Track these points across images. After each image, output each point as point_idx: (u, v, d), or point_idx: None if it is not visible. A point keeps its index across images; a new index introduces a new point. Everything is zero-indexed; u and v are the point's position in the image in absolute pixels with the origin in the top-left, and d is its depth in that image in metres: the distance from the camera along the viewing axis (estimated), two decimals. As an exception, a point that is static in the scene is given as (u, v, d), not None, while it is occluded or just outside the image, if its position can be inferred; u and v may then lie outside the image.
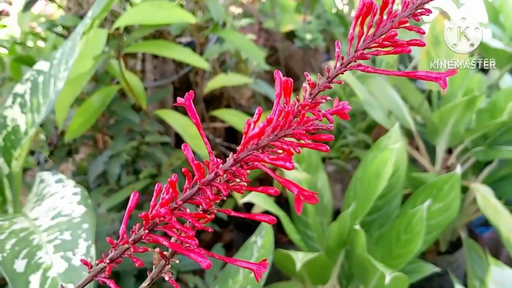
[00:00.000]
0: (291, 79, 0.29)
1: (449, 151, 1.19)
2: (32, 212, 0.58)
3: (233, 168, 0.28)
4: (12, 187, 0.74)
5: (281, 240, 1.29)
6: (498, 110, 1.03)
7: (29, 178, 1.28)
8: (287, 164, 0.26)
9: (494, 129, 1.07)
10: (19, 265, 0.47)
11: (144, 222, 0.29)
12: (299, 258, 0.81)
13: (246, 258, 0.77)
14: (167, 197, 0.28)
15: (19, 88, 0.75)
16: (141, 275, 0.95)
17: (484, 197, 1.00)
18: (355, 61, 0.29)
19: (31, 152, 1.30)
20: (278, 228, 1.23)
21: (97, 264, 0.30)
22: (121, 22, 0.88)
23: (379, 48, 0.29)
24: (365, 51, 0.29)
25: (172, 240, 0.29)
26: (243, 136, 0.28)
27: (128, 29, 1.11)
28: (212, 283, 0.79)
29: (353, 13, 1.79)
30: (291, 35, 1.73)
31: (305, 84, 0.30)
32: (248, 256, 0.77)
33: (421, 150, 1.22)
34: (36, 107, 0.71)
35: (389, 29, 0.28)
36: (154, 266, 0.31)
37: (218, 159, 0.29)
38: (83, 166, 1.24)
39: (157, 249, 0.31)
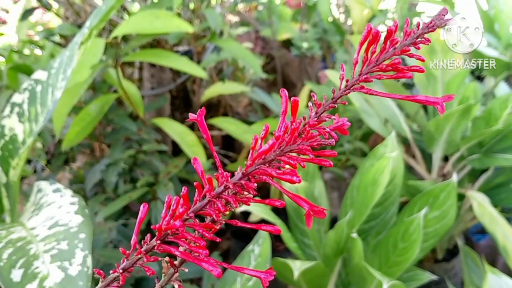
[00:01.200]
0: (297, 99, 0.30)
1: (445, 159, 1.19)
2: (30, 221, 0.58)
3: (242, 182, 0.29)
4: (10, 196, 0.74)
5: (278, 248, 1.29)
6: (494, 118, 1.04)
7: (26, 186, 1.28)
8: (294, 178, 0.28)
9: (490, 137, 1.07)
10: (16, 274, 0.47)
11: (157, 233, 0.30)
12: (297, 266, 0.81)
13: (243, 266, 0.77)
14: (181, 210, 0.29)
15: (17, 98, 0.75)
16: (137, 284, 0.95)
17: (480, 204, 1.00)
18: (359, 83, 0.30)
19: (28, 161, 1.30)
20: (275, 236, 1.23)
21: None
22: (118, 31, 0.89)
23: (381, 73, 0.30)
24: (368, 75, 0.30)
25: (181, 249, 0.29)
26: (250, 151, 0.29)
27: (125, 38, 1.11)
28: (210, 292, 0.79)
29: (349, 22, 1.80)
30: (287, 43, 1.74)
31: (310, 104, 0.31)
32: (246, 264, 0.77)
33: (417, 158, 1.22)
34: (34, 116, 0.71)
35: (391, 55, 0.30)
36: (163, 274, 0.32)
37: (226, 172, 0.30)
38: (80, 174, 1.24)
39: (167, 258, 0.31)
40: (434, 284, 1.11)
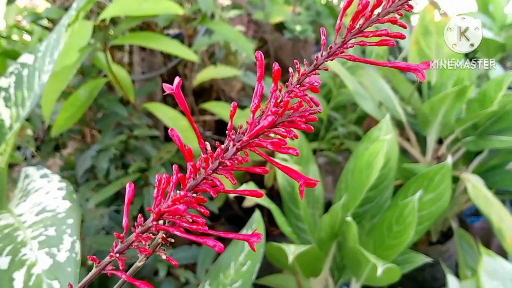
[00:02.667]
0: (279, 68, 0.29)
1: (440, 141, 1.18)
2: (17, 208, 0.57)
3: (238, 157, 0.29)
4: (-2, 183, 0.72)
5: (273, 232, 1.29)
6: (488, 100, 1.03)
7: (16, 174, 1.27)
8: (291, 151, 0.28)
9: (484, 119, 1.07)
10: (3, 262, 0.46)
11: (153, 214, 0.29)
12: (291, 251, 0.81)
13: (237, 252, 0.76)
14: (182, 193, 0.28)
15: (2, 82, 0.73)
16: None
17: (475, 187, 1.00)
18: (342, 51, 0.30)
19: (18, 148, 1.28)
20: (269, 220, 1.22)
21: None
22: (106, 14, 0.87)
23: (364, 39, 0.30)
24: (351, 41, 0.30)
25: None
26: (248, 127, 0.29)
27: (114, 21, 1.09)
28: (204, 277, 0.78)
29: (342, 4, 1.78)
30: (280, 27, 1.72)
31: (291, 70, 0.30)
32: (239, 249, 0.76)
33: (411, 140, 1.21)
34: (20, 101, 0.70)
35: (375, 22, 0.30)
36: (147, 245, 0.30)
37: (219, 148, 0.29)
38: (71, 160, 1.22)
39: (161, 235, 0.30)
40: (428, 267, 1.11)
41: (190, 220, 0.29)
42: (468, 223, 1.36)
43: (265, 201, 0.93)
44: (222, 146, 0.29)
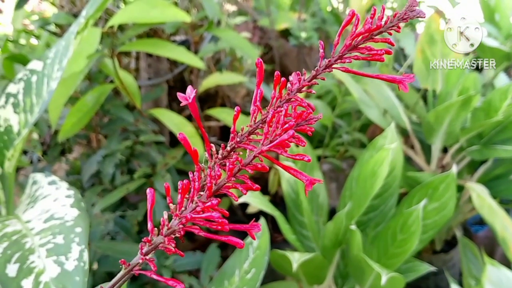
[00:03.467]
0: (278, 73, 0.32)
1: (445, 150, 1.19)
2: (25, 214, 0.57)
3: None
4: (5, 188, 0.73)
5: (276, 239, 1.29)
6: (493, 109, 1.03)
7: (22, 177, 1.27)
8: (305, 158, 0.30)
9: (489, 128, 1.07)
10: (11, 269, 0.46)
11: (180, 219, 0.30)
12: (296, 258, 0.81)
13: (242, 259, 0.76)
14: (214, 201, 0.30)
15: (12, 88, 0.74)
16: (134, 277, 0.94)
17: (479, 196, 1.00)
18: (337, 63, 0.33)
19: (24, 152, 1.29)
20: (273, 227, 1.22)
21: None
22: (115, 21, 0.87)
23: (358, 54, 0.33)
24: (346, 55, 0.32)
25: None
26: (264, 136, 0.31)
27: (122, 27, 1.10)
28: (208, 284, 0.78)
29: (348, 11, 1.78)
30: (286, 33, 1.73)
31: (291, 78, 0.33)
32: (244, 257, 0.77)
33: (416, 149, 1.22)
34: (29, 107, 0.70)
35: (368, 39, 0.32)
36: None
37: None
38: (77, 165, 1.23)
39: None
40: (432, 275, 1.11)
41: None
42: (472, 232, 1.35)
43: (269, 208, 0.93)
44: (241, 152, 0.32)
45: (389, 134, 0.97)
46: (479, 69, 1.49)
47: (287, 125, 0.30)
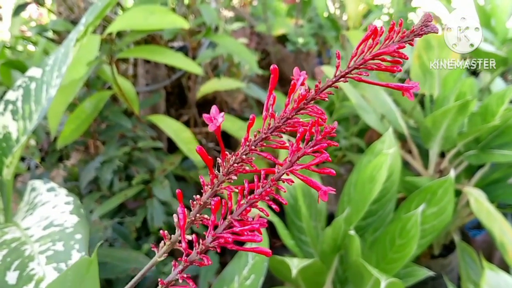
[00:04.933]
0: (295, 83, 0.33)
1: (442, 154, 1.19)
2: (24, 221, 0.57)
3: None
4: (3, 195, 0.73)
5: (275, 244, 1.29)
6: (490, 114, 1.04)
7: (19, 184, 1.27)
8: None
9: (486, 133, 1.07)
10: (11, 277, 0.46)
11: (212, 238, 0.32)
12: (295, 264, 0.81)
13: (241, 265, 0.76)
14: (256, 225, 0.32)
15: (10, 95, 0.74)
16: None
17: (477, 200, 1.00)
18: (346, 76, 0.33)
19: (22, 158, 1.29)
20: (272, 232, 1.22)
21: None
22: (113, 28, 0.88)
23: (364, 69, 0.33)
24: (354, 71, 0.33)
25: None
26: (290, 154, 0.33)
27: (119, 34, 1.10)
28: (207, 291, 0.78)
29: (345, 17, 1.79)
30: (283, 39, 1.74)
31: (301, 91, 0.33)
32: (243, 263, 0.77)
33: (414, 153, 1.22)
34: (28, 114, 0.70)
35: (379, 54, 0.32)
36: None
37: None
38: (75, 172, 1.23)
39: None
40: (431, 280, 1.11)
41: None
42: (470, 236, 1.36)
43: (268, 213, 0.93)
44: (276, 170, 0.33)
45: (387, 139, 0.98)
46: (476, 74, 1.50)
47: (317, 145, 0.32)
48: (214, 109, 0.32)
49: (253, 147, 0.32)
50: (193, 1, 1.24)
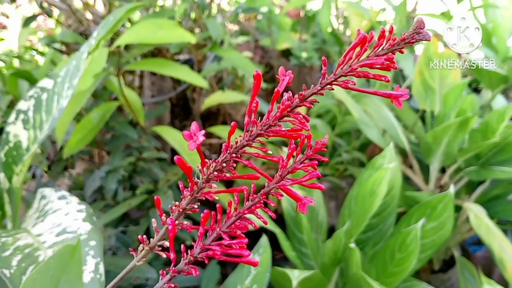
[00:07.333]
0: (279, 90, 0.33)
1: (443, 170, 1.20)
2: (35, 228, 0.59)
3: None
4: (12, 202, 0.74)
5: (276, 256, 1.29)
6: (491, 131, 1.05)
7: (24, 192, 1.28)
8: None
9: (487, 149, 1.09)
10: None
11: (200, 248, 0.33)
12: (295, 276, 0.82)
13: (243, 276, 0.77)
14: (244, 240, 0.32)
15: (22, 105, 0.76)
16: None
17: (477, 216, 1.01)
18: (331, 84, 0.33)
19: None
20: (273, 244, 1.23)
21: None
22: (122, 41, 0.90)
23: (353, 78, 0.33)
24: (341, 78, 0.32)
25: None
26: (281, 168, 0.33)
27: (127, 46, 1.12)
28: (209, 300, 0.79)
29: (348, 32, 1.82)
30: (286, 53, 1.76)
31: (285, 98, 0.32)
32: (245, 274, 0.78)
33: (415, 169, 1.23)
34: (38, 124, 0.72)
35: (367, 63, 0.32)
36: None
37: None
38: (80, 181, 1.24)
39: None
40: (430, 295, 1.12)
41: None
42: (470, 252, 1.36)
43: (270, 225, 0.95)
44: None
45: (388, 153, 0.99)
46: (477, 91, 1.52)
47: (307, 161, 0.32)
48: (194, 125, 0.31)
49: (233, 154, 0.32)
50: (200, 15, 1.26)
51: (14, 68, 1.41)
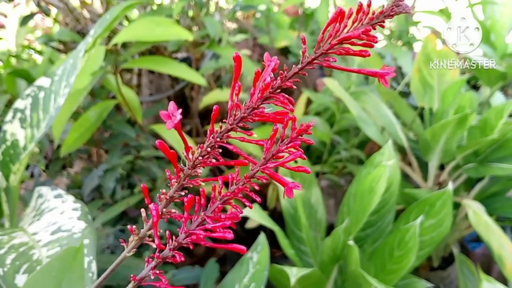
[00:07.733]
0: (259, 71, 0.32)
1: (441, 167, 1.20)
2: (31, 227, 0.59)
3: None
4: (9, 201, 0.74)
5: (275, 254, 1.29)
6: (489, 128, 1.05)
7: (22, 191, 1.28)
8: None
9: (485, 146, 1.08)
10: (20, 280, 0.47)
11: (185, 234, 0.32)
12: (294, 273, 0.82)
13: (242, 274, 0.77)
14: (227, 222, 0.32)
15: (19, 103, 0.76)
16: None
17: (476, 213, 1.01)
18: (312, 62, 0.32)
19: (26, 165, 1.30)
20: (272, 242, 1.23)
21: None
22: (119, 39, 0.89)
23: (334, 55, 0.32)
24: (330, 51, 0.32)
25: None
26: (265, 152, 0.32)
27: (124, 44, 1.12)
28: (207, 298, 0.79)
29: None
30: (285, 51, 1.75)
31: (268, 78, 0.31)
32: (244, 271, 0.78)
33: (413, 166, 1.23)
34: (36, 122, 0.72)
35: (346, 38, 0.31)
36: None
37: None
38: (78, 179, 1.24)
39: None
40: (429, 292, 1.12)
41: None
42: (469, 249, 1.36)
43: (269, 223, 0.94)
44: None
45: (387, 151, 0.99)
46: (476, 88, 1.52)
47: (291, 143, 0.30)
48: (172, 105, 0.30)
49: (218, 139, 0.31)
50: (197, 13, 1.26)
51: (12, 67, 1.41)
